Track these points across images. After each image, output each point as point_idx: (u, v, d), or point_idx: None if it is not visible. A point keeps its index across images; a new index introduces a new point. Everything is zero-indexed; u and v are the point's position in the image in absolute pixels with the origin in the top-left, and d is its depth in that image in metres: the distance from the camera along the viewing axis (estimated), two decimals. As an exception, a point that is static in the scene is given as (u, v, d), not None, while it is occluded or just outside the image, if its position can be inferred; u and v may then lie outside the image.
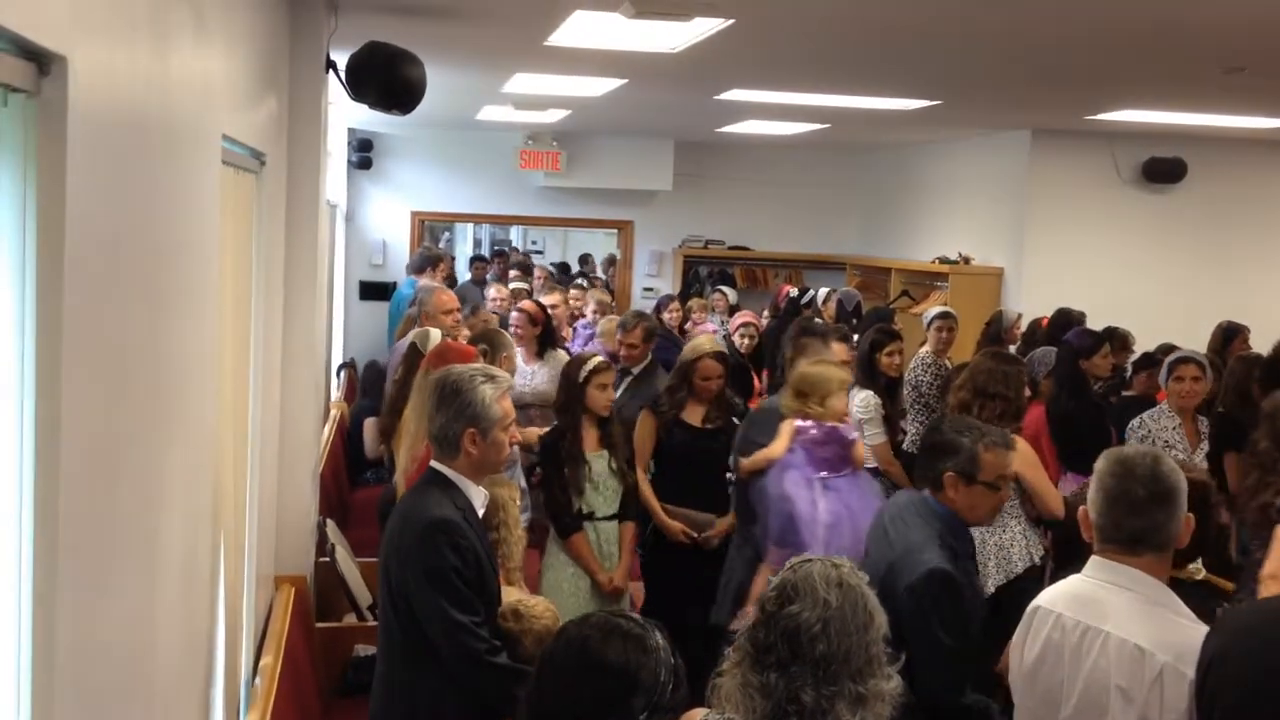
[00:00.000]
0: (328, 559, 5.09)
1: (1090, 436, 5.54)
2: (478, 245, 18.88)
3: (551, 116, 9.75)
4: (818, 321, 7.74)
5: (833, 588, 2.24)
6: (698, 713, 2.27)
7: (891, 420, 6.35)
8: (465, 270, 13.87)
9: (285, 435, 4.61)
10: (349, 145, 10.86)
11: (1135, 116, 7.97)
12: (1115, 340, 7.37)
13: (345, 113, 8.66)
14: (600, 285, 11.34)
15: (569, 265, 15.63)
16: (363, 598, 5.01)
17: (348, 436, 7.62)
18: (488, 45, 6.29)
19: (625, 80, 7.28)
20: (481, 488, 3.24)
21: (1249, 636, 2.40)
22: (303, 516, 4.81)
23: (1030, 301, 8.86)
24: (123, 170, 1.93)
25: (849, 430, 4.70)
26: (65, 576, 1.60)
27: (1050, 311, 7.98)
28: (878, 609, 2.30)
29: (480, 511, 3.23)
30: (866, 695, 2.20)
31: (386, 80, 4.95)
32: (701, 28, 5.27)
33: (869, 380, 6.25)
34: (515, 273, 11.12)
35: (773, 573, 2.86)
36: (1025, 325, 8.18)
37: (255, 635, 3.97)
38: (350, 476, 7.48)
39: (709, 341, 5.53)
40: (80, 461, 1.67)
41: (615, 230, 12.64)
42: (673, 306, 9.27)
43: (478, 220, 15.87)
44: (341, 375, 9.50)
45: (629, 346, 6.38)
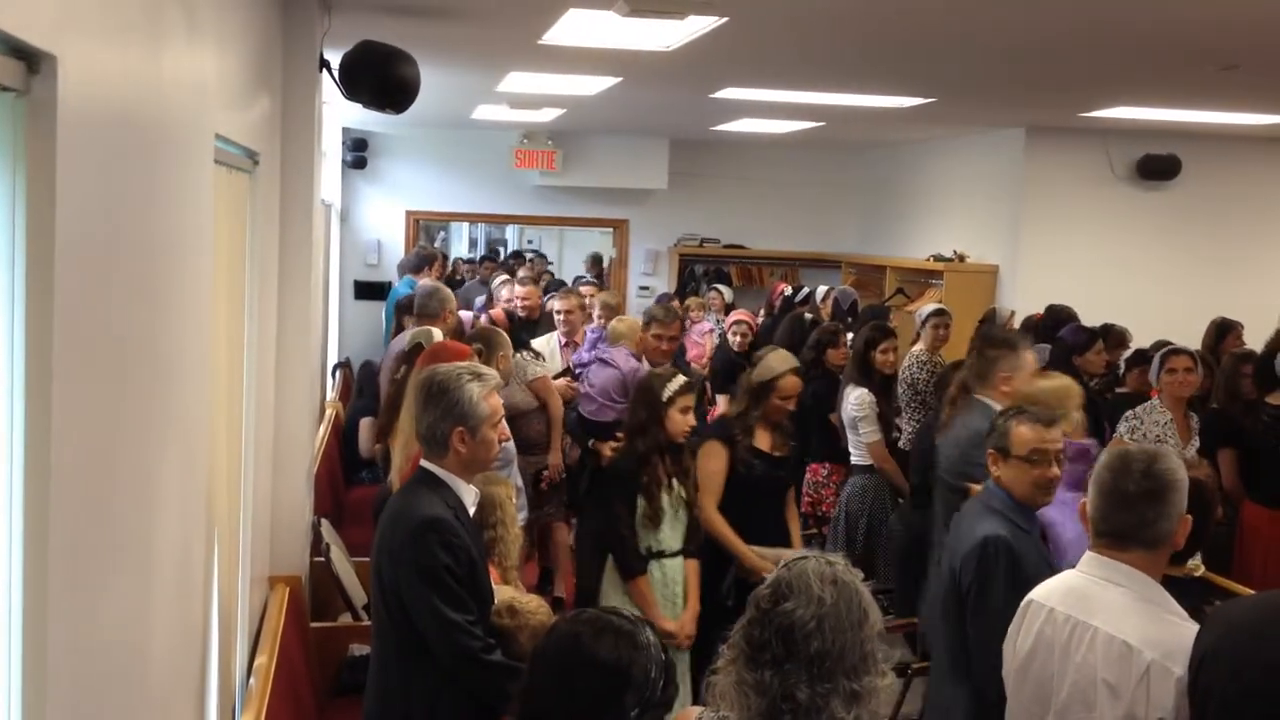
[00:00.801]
0: (322, 559, 5.09)
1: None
2: (473, 245, 18.84)
3: (546, 115, 9.74)
4: (998, 327, 6.94)
5: (827, 585, 2.24)
6: (693, 711, 2.28)
7: (886, 418, 6.35)
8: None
9: (280, 435, 4.60)
10: (343, 145, 10.85)
11: (1130, 114, 7.97)
12: (1112, 337, 7.38)
13: (339, 112, 8.65)
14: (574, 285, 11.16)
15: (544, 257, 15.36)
16: (357, 597, 5.01)
17: (343, 436, 7.61)
18: (482, 44, 6.28)
19: (620, 79, 7.28)
20: (473, 486, 3.23)
21: (1242, 632, 2.40)
22: (297, 516, 4.81)
23: (1025, 299, 8.87)
24: (114, 170, 1.92)
25: (1092, 444, 4.44)
26: (57, 576, 1.60)
27: (1044, 309, 7.99)
28: (872, 605, 2.30)
29: (471, 510, 3.22)
30: (861, 692, 2.20)
31: (380, 79, 4.94)
32: (696, 26, 5.27)
33: (864, 378, 6.26)
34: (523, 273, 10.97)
35: None
36: (1019, 322, 8.18)
37: (250, 635, 3.97)
38: (345, 476, 7.47)
39: (782, 358, 4.95)
40: (72, 461, 1.67)
41: (611, 229, 12.64)
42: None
43: (473, 220, 15.85)
44: (336, 375, 9.49)
45: (670, 340, 5.73)
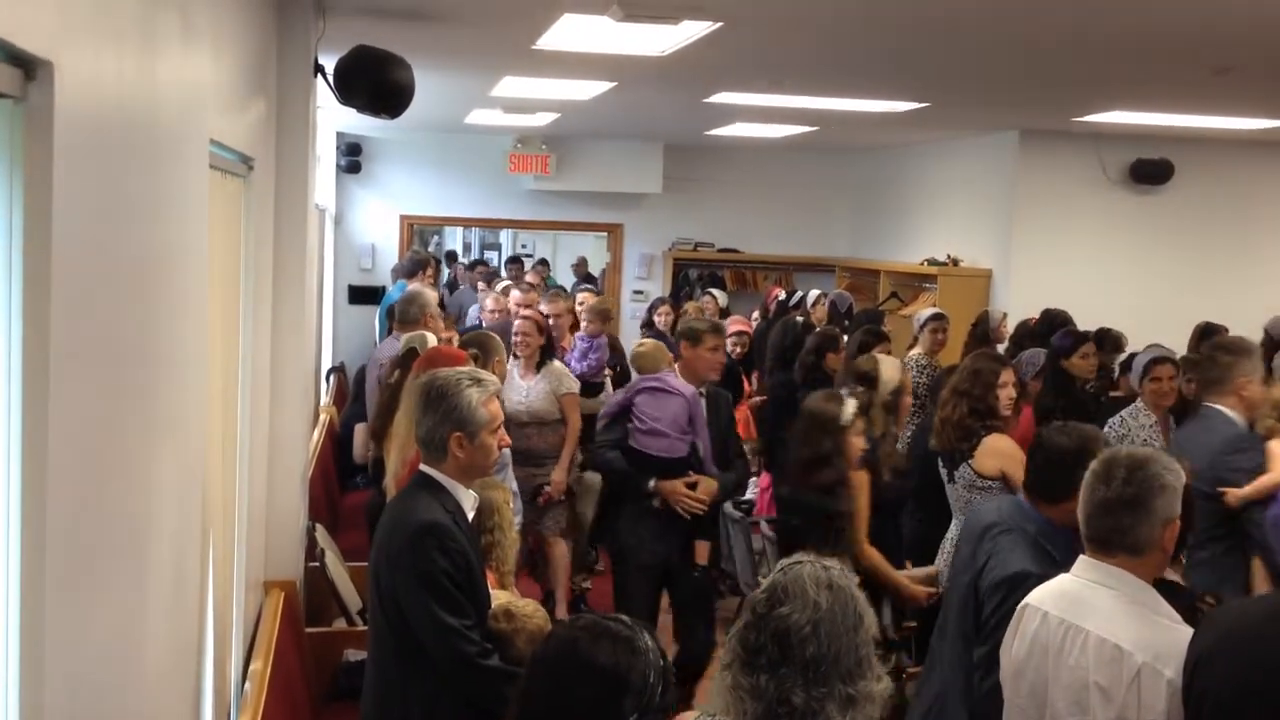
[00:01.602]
0: (317, 564, 5.08)
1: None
2: (467, 250, 18.80)
3: (540, 120, 9.74)
4: (1221, 336, 6.48)
5: (823, 589, 2.24)
6: (688, 715, 2.27)
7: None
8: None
9: (274, 439, 4.60)
10: (337, 149, 10.84)
11: (1122, 118, 7.99)
12: (1108, 341, 7.39)
13: (333, 116, 8.65)
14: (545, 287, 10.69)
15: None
16: (352, 602, 5.00)
17: (337, 441, 7.60)
18: (476, 49, 6.28)
19: (614, 83, 7.28)
20: (471, 491, 3.24)
21: (1236, 634, 2.41)
22: (292, 521, 4.80)
23: (1018, 302, 8.87)
24: (109, 175, 1.92)
25: None
26: (52, 582, 1.60)
27: (1038, 313, 8.00)
28: (867, 610, 2.30)
29: (470, 514, 3.23)
30: (856, 697, 2.20)
31: (375, 84, 4.95)
32: (689, 30, 5.28)
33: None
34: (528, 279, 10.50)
35: None
36: (1011, 325, 8.19)
37: (245, 640, 3.97)
38: (340, 481, 7.47)
39: (896, 365, 4.77)
40: (68, 466, 1.67)
41: (605, 233, 12.63)
42: (664, 309, 9.21)
43: (467, 224, 15.83)
44: (331, 380, 9.47)
45: (721, 349, 5.15)
